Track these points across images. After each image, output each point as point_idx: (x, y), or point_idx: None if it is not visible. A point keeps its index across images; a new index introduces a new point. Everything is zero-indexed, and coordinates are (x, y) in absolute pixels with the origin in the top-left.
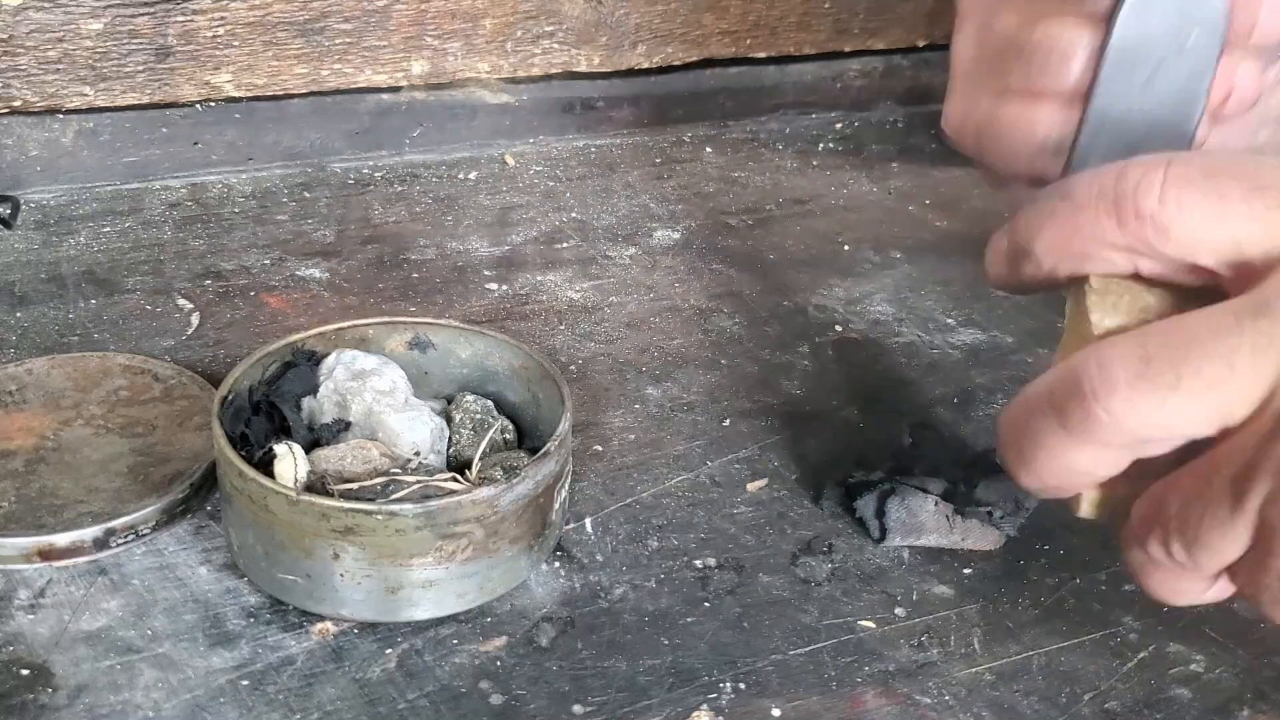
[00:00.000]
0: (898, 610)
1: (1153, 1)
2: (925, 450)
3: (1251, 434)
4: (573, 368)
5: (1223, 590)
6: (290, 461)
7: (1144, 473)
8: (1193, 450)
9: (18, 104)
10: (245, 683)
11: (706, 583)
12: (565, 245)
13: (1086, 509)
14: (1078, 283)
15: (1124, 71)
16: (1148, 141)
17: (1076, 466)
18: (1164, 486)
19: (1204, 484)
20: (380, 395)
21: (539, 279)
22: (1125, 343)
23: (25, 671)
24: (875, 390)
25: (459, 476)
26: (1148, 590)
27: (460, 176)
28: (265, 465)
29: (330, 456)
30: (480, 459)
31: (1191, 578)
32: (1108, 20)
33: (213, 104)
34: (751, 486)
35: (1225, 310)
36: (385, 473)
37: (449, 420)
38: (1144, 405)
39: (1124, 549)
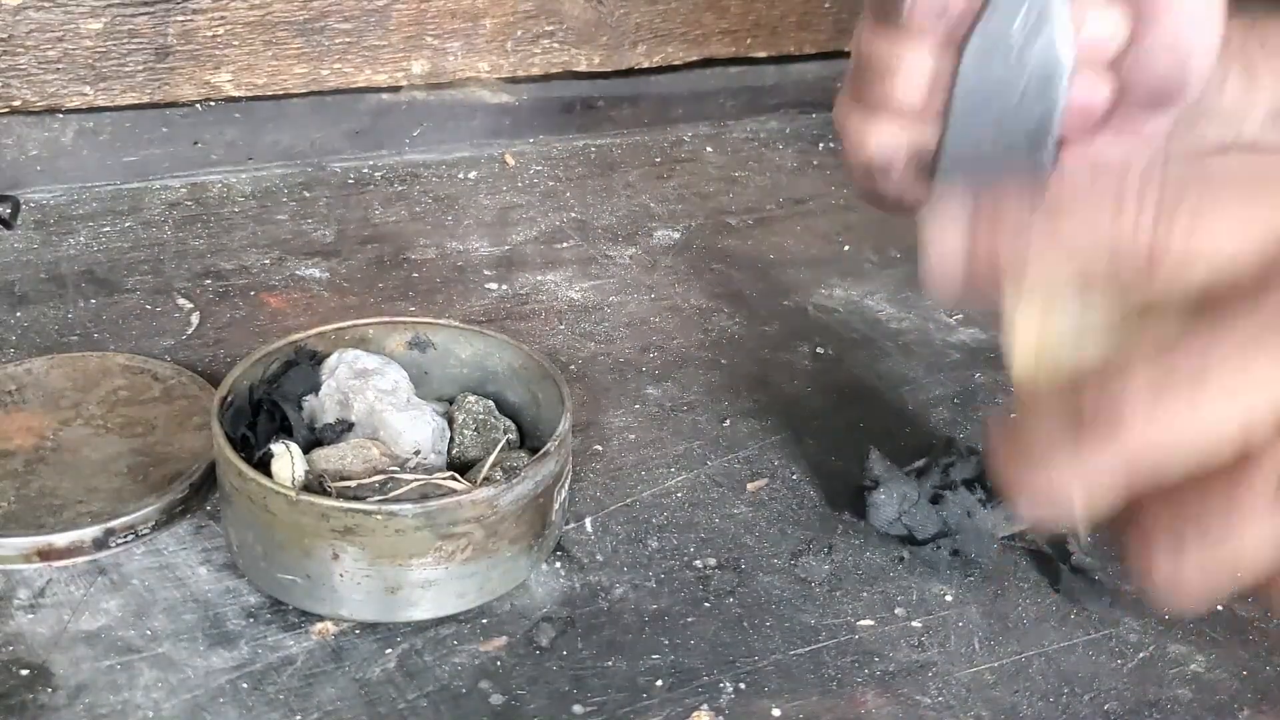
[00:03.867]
0: (898, 610)
1: (993, 48)
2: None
3: None
4: (573, 368)
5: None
6: (287, 460)
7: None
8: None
9: (18, 104)
10: (245, 683)
11: (706, 583)
12: (565, 245)
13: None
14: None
15: (973, 110)
16: (1000, 179)
17: (1082, 486)
18: (1185, 493)
19: (1237, 485)
20: (382, 394)
21: (539, 279)
22: (1143, 354)
23: (25, 671)
24: (875, 390)
25: (458, 476)
26: (1166, 591)
27: (460, 176)
28: (265, 465)
29: (331, 455)
30: (488, 469)
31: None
32: (956, 56)
33: (213, 104)
34: (751, 486)
35: (1239, 316)
36: (384, 471)
37: (451, 421)
38: (1169, 410)
39: (1132, 558)
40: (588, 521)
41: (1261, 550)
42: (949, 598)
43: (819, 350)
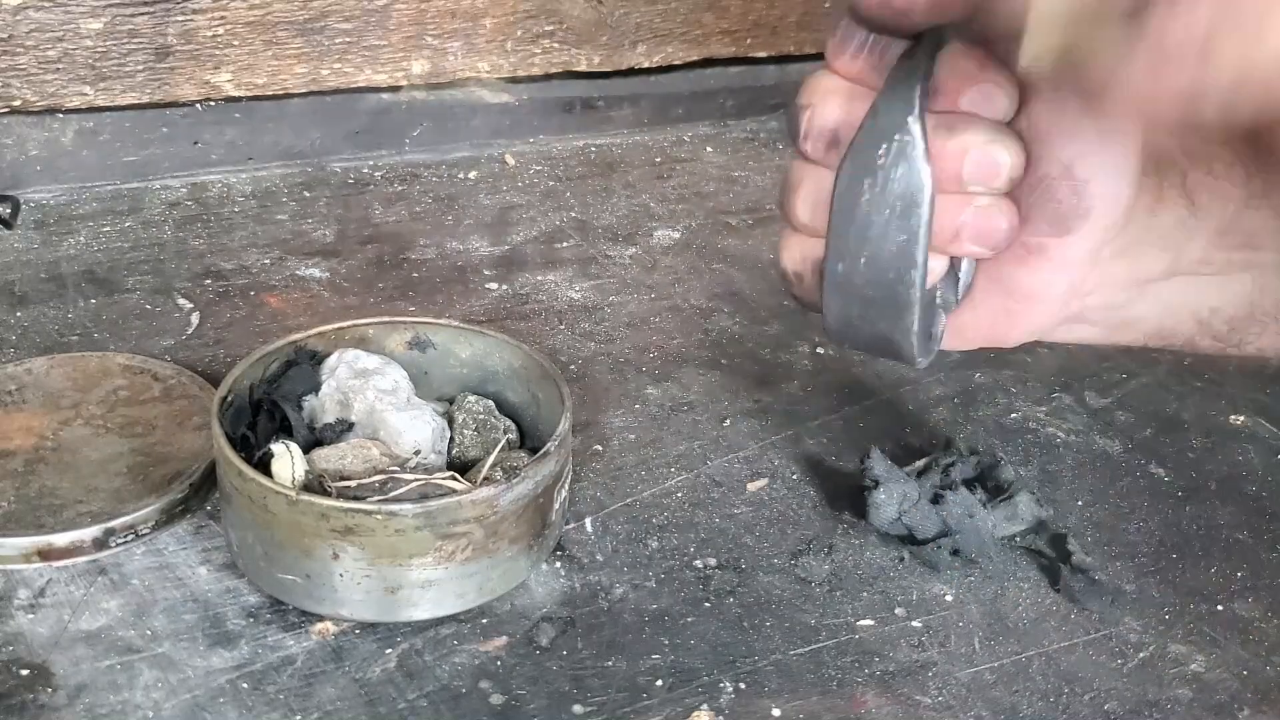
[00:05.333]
0: (898, 610)
1: (862, 174)
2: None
3: None
4: (573, 368)
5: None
6: (287, 460)
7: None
8: None
9: (18, 104)
10: (245, 683)
11: (706, 583)
12: (565, 245)
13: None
14: None
15: (847, 233)
16: (875, 298)
17: None
18: None
19: None
20: (383, 394)
21: (539, 279)
22: None
23: (25, 671)
24: (875, 390)
25: (458, 476)
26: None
27: (460, 176)
28: (265, 465)
29: (330, 455)
30: (489, 469)
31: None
32: (834, 181)
33: (213, 103)
34: (751, 486)
35: None
36: (384, 471)
37: (451, 421)
38: None
39: None
40: (588, 521)
41: None
42: (949, 598)
43: (819, 350)
